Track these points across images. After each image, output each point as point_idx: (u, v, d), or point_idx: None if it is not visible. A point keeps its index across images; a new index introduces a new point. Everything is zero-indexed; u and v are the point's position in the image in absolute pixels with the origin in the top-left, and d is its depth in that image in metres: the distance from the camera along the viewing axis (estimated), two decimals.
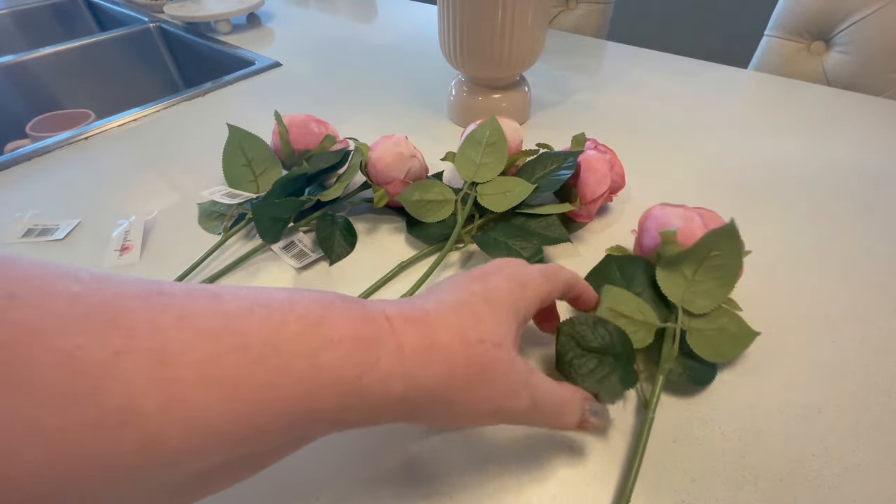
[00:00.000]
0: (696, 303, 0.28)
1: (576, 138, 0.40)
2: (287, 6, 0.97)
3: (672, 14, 1.63)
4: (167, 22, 0.90)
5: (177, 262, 0.37)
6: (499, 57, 0.46)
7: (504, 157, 0.38)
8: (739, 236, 0.27)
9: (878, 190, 0.44)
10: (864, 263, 0.37)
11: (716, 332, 0.28)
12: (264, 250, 0.38)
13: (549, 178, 0.37)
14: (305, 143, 0.43)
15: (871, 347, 0.31)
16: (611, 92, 0.62)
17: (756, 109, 0.58)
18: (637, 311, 0.28)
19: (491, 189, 0.37)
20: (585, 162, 0.38)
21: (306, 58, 0.74)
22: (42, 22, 1.05)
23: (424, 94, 0.62)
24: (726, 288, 0.28)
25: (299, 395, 0.15)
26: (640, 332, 0.27)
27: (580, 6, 0.90)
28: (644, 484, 0.24)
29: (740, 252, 0.27)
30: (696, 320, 0.28)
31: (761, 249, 0.38)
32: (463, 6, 0.44)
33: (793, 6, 0.68)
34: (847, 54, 0.65)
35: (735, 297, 0.33)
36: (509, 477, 0.25)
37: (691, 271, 0.28)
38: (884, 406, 0.28)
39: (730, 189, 0.45)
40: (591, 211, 0.38)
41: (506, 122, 0.41)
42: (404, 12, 0.92)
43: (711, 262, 0.28)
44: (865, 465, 0.25)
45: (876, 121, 0.54)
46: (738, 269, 0.27)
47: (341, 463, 0.25)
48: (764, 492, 0.24)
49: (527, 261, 0.30)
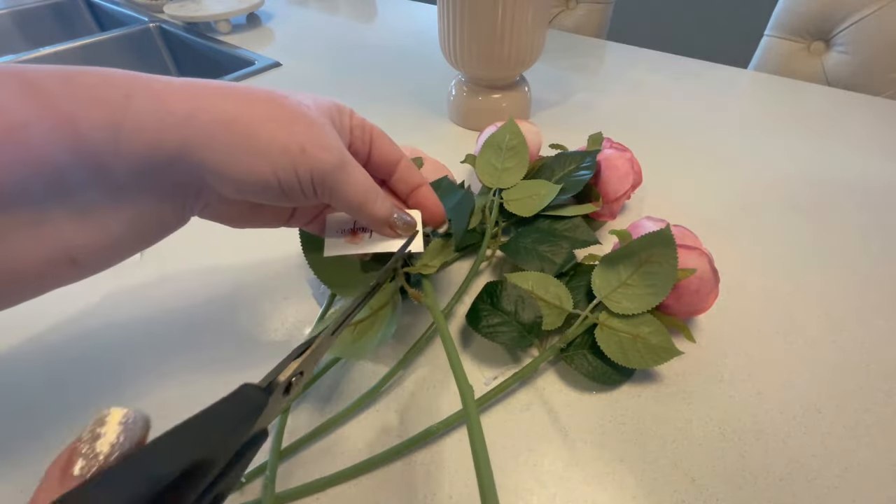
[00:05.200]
0: (622, 303, 0.28)
1: (592, 137, 0.40)
2: (287, 6, 0.97)
3: (672, 14, 1.63)
4: (167, 22, 0.90)
5: (177, 262, 0.38)
6: (499, 57, 0.46)
7: (526, 161, 0.38)
8: (675, 248, 0.27)
9: (879, 190, 0.44)
10: (864, 263, 0.37)
11: (631, 337, 0.28)
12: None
13: (570, 179, 0.37)
14: None
15: (871, 347, 0.31)
16: (611, 92, 0.62)
17: (756, 109, 0.58)
18: (555, 297, 0.30)
19: (516, 194, 0.36)
20: (606, 161, 0.37)
21: (306, 58, 0.74)
22: (42, 22, 1.05)
23: (424, 94, 0.62)
24: (656, 297, 0.28)
25: (59, 114, 0.17)
26: (552, 315, 0.29)
27: (580, 6, 0.90)
28: (644, 484, 0.24)
29: (675, 264, 0.27)
30: (614, 319, 0.28)
31: (761, 249, 0.38)
32: (463, 6, 0.44)
33: (793, 6, 0.68)
34: (847, 54, 0.65)
35: (735, 297, 0.33)
36: (509, 477, 0.25)
37: (627, 273, 0.29)
38: (884, 406, 0.28)
39: (730, 188, 0.45)
40: (613, 210, 0.38)
41: (525, 126, 0.41)
42: (404, 12, 0.92)
43: (647, 269, 0.28)
44: (865, 465, 0.25)
45: (876, 121, 0.54)
46: (671, 280, 0.27)
47: (341, 463, 0.25)
48: (764, 492, 0.24)
49: (559, 267, 0.31)
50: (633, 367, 0.27)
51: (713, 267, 0.29)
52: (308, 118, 0.21)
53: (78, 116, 0.17)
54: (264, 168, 0.20)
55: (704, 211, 0.42)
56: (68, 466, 0.11)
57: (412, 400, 0.28)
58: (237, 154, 0.19)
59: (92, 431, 0.11)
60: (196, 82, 0.20)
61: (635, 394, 0.28)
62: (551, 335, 0.30)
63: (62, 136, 0.17)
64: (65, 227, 0.18)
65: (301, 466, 0.26)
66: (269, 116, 0.20)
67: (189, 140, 0.19)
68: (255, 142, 0.20)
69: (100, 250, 0.20)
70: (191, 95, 0.19)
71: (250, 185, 0.20)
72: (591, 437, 0.26)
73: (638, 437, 0.26)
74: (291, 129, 0.20)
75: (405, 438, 0.26)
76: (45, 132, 0.17)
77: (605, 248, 0.38)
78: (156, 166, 0.19)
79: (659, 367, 0.29)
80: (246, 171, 0.20)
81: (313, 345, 0.18)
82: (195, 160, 0.19)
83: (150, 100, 0.18)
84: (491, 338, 0.28)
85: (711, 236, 0.34)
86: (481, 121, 0.51)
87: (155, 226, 0.22)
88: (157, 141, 0.18)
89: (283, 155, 0.20)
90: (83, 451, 0.11)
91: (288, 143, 0.20)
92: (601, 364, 0.28)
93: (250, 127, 0.19)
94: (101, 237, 0.19)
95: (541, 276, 0.31)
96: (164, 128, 0.18)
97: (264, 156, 0.20)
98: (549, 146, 0.42)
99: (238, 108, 0.19)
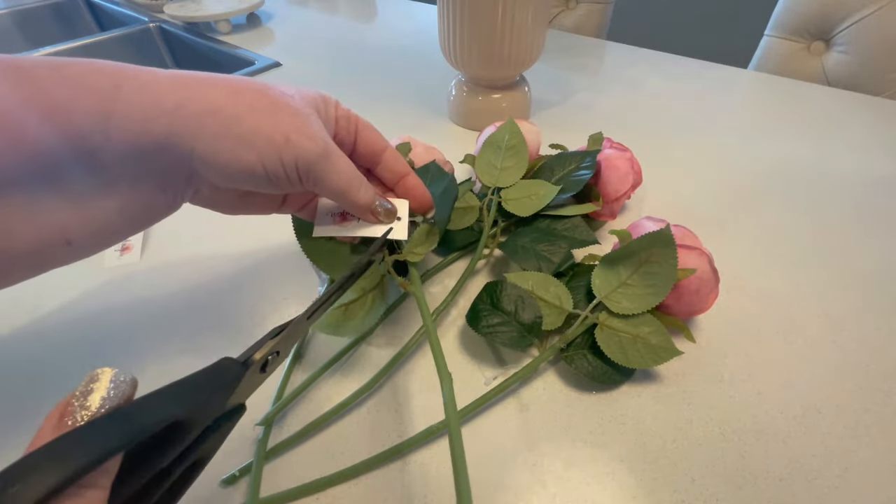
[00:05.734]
0: (622, 303, 0.28)
1: (593, 137, 0.40)
2: (287, 6, 0.97)
3: (672, 14, 1.63)
4: (167, 22, 0.90)
5: (177, 262, 0.38)
6: (499, 57, 0.46)
7: (525, 161, 0.38)
8: (675, 248, 0.27)
9: (879, 190, 0.44)
10: (864, 263, 0.37)
11: (631, 337, 0.28)
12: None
13: (570, 179, 0.37)
14: None
15: (871, 347, 0.31)
16: (611, 92, 0.62)
17: (756, 109, 0.58)
18: (555, 297, 0.30)
19: (515, 193, 0.36)
20: (606, 161, 0.37)
21: (306, 58, 0.74)
22: (42, 22, 1.05)
23: (424, 94, 0.62)
24: (656, 297, 0.28)
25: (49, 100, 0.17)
26: (552, 315, 0.29)
27: (580, 6, 0.90)
28: (644, 484, 0.24)
29: (675, 264, 0.27)
30: (615, 320, 0.28)
31: (761, 249, 0.38)
32: (463, 6, 0.44)
33: (793, 6, 0.68)
34: (847, 54, 0.65)
35: (735, 297, 0.33)
36: (509, 477, 0.25)
37: (627, 273, 0.29)
38: (884, 406, 0.28)
39: (730, 188, 0.45)
40: (614, 210, 0.38)
41: (524, 125, 0.41)
42: (404, 12, 0.92)
43: (647, 269, 0.28)
44: (865, 465, 0.25)
45: (876, 121, 0.54)
46: (671, 280, 0.27)
47: (341, 463, 0.25)
48: (764, 492, 0.24)
49: (557, 267, 0.31)
50: (633, 367, 0.27)
51: (713, 267, 0.29)
52: (292, 108, 0.21)
53: (68, 103, 0.17)
54: (250, 156, 0.20)
55: (704, 211, 0.42)
56: (63, 416, 0.12)
57: (412, 400, 0.28)
58: (224, 143, 0.20)
59: (85, 387, 0.12)
60: (182, 74, 0.20)
61: (635, 394, 0.28)
62: (551, 335, 0.30)
63: (53, 123, 0.17)
64: (58, 211, 0.19)
65: (300, 466, 0.26)
66: (253, 106, 0.20)
67: (177, 129, 0.19)
68: (241, 130, 0.20)
69: (93, 233, 0.20)
70: (178, 86, 0.20)
71: (237, 174, 0.21)
72: (591, 437, 0.26)
73: (638, 437, 0.26)
74: (276, 119, 0.21)
75: (405, 438, 0.26)
76: (36, 118, 0.17)
77: (605, 248, 0.38)
78: (144, 154, 0.19)
79: (659, 367, 0.29)
80: (233, 160, 0.20)
81: (288, 327, 0.20)
82: (185, 149, 0.20)
83: (139, 90, 0.19)
84: (491, 338, 0.28)
85: (711, 236, 0.34)
86: (481, 121, 0.51)
87: (145, 211, 0.22)
88: (146, 129, 0.19)
89: (267, 144, 0.20)
90: (76, 403, 0.12)
91: (272, 133, 0.20)
92: (601, 364, 0.28)
93: (236, 116, 0.20)
94: (93, 221, 0.20)
95: (541, 276, 0.31)
96: (152, 117, 0.19)
97: (250, 145, 0.20)
98: (549, 146, 0.42)
99: (224, 98, 0.20)
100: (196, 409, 0.15)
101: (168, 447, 0.14)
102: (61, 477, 0.10)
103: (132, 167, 0.20)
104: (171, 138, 0.19)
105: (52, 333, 0.33)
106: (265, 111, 0.21)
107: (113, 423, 0.12)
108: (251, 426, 0.27)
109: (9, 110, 0.16)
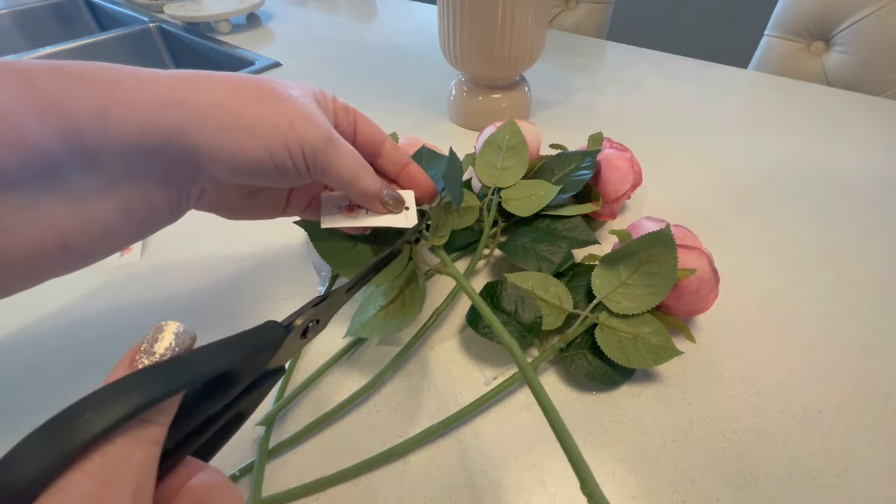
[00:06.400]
0: (622, 303, 0.28)
1: (592, 137, 0.40)
2: (287, 6, 0.97)
3: (672, 14, 1.63)
4: (167, 22, 0.90)
5: (177, 263, 0.38)
6: (499, 57, 0.46)
7: (525, 161, 0.38)
8: (675, 248, 0.27)
9: (878, 190, 0.44)
10: (864, 263, 0.37)
11: (631, 337, 0.28)
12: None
13: (570, 179, 0.37)
14: None
15: (871, 347, 0.31)
16: (611, 92, 0.62)
17: (756, 109, 0.58)
18: (555, 297, 0.30)
19: (515, 193, 0.36)
20: (606, 161, 0.38)
21: (306, 58, 0.74)
22: (42, 22, 1.05)
23: (424, 94, 0.62)
24: (656, 297, 0.28)
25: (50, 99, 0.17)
26: (553, 315, 0.29)
27: (580, 6, 0.90)
28: (644, 484, 0.24)
29: (675, 264, 0.27)
30: (615, 320, 0.28)
31: (761, 249, 0.38)
32: (463, 6, 0.44)
33: (793, 6, 0.68)
34: (847, 54, 0.65)
35: (735, 297, 0.33)
36: (509, 476, 0.25)
37: (627, 273, 0.29)
38: (884, 406, 0.28)
39: (730, 188, 0.45)
40: (614, 210, 0.38)
41: (524, 125, 0.41)
42: (404, 12, 0.92)
43: (647, 269, 0.28)
44: (865, 465, 0.25)
45: (876, 121, 0.54)
46: (671, 280, 0.27)
47: (341, 463, 0.25)
48: (764, 492, 0.24)
49: (557, 267, 0.31)
50: (633, 367, 0.27)
51: (713, 267, 0.29)
52: (293, 97, 0.22)
53: (65, 100, 0.17)
54: (256, 145, 0.20)
55: (704, 211, 0.42)
56: (134, 358, 0.14)
57: (412, 400, 0.28)
58: (229, 135, 0.20)
59: (153, 336, 0.14)
60: (182, 72, 0.21)
61: (635, 394, 0.28)
62: (551, 335, 0.30)
63: (50, 121, 0.17)
64: (56, 212, 0.19)
65: (301, 466, 0.26)
66: (255, 98, 0.21)
67: (181, 123, 0.19)
68: (245, 119, 0.20)
69: (92, 237, 0.20)
70: (179, 82, 0.20)
71: (244, 165, 0.21)
72: (591, 437, 0.26)
73: (638, 437, 0.26)
74: (279, 107, 0.21)
75: (405, 438, 0.26)
76: (33, 116, 0.17)
77: (605, 248, 0.38)
78: (146, 150, 0.19)
79: (659, 367, 0.29)
80: (239, 151, 0.20)
81: (329, 297, 0.21)
82: (190, 144, 0.20)
83: (139, 85, 0.19)
84: (491, 338, 0.28)
85: (711, 236, 0.34)
86: (481, 121, 0.51)
87: (148, 214, 0.22)
88: (147, 123, 0.19)
89: (272, 131, 0.20)
90: (144, 348, 0.14)
91: (276, 119, 0.21)
92: (601, 364, 0.28)
93: (239, 108, 0.20)
94: (92, 223, 0.20)
95: (541, 276, 0.31)
96: (155, 111, 0.19)
97: (255, 133, 0.20)
98: (549, 146, 0.42)
99: (226, 92, 0.20)
100: (244, 363, 0.16)
101: (219, 394, 0.16)
102: (127, 409, 0.12)
103: (134, 164, 0.19)
104: (176, 133, 0.19)
105: (53, 334, 0.33)
106: (268, 101, 0.21)
107: (174, 367, 0.14)
108: (252, 426, 0.27)
109: (4, 107, 0.16)
